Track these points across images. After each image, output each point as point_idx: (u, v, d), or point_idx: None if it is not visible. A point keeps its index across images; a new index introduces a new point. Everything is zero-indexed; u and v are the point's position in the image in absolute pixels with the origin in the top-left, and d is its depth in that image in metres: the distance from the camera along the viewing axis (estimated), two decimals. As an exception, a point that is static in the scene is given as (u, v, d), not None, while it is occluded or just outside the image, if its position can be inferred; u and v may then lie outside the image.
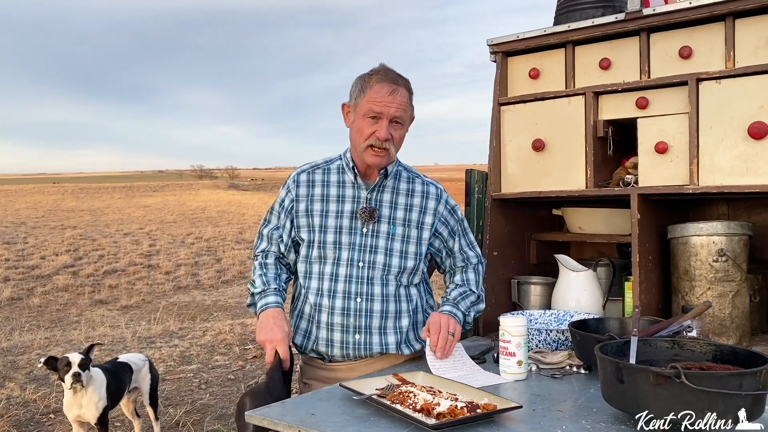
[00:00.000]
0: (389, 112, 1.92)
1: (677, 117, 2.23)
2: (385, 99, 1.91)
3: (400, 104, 1.93)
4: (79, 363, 3.17)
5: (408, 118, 2.01)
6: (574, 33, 2.42)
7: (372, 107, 1.92)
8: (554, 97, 2.50)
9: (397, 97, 1.92)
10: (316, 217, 2.06)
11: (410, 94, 2.00)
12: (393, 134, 1.95)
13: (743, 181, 2.11)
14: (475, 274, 2.17)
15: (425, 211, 2.07)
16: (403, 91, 1.95)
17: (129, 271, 14.58)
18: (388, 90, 1.91)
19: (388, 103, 1.91)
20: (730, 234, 2.21)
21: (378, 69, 1.98)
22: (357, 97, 1.97)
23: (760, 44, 2.10)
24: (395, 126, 1.95)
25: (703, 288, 2.22)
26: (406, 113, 1.97)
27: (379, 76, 1.95)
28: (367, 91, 1.94)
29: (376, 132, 1.92)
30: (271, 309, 2.01)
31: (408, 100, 1.97)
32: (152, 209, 28.78)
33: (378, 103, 1.91)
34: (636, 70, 2.33)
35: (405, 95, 1.96)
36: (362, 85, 1.96)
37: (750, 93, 2.09)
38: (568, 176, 2.49)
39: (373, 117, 1.93)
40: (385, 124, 1.92)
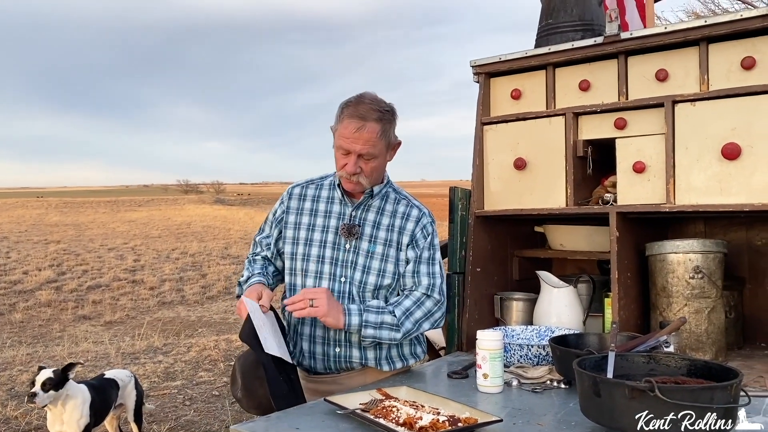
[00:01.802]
0: (356, 149, 1.95)
1: (654, 138, 2.30)
2: (351, 136, 1.94)
3: (367, 140, 1.94)
4: (43, 382, 3.10)
5: (381, 150, 2.00)
6: (554, 55, 2.48)
7: (341, 143, 1.97)
8: (535, 117, 2.57)
9: (363, 133, 1.93)
10: (303, 230, 2.14)
11: (384, 124, 1.98)
12: (363, 167, 1.98)
13: (717, 200, 2.17)
14: (415, 304, 2.05)
15: (403, 232, 2.10)
16: (371, 126, 1.94)
17: (113, 286, 14.47)
18: (355, 127, 1.93)
19: (354, 141, 1.94)
20: (705, 251, 2.27)
21: (352, 101, 1.99)
22: (335, 126, 2.02)
23: (732, 68, 2.17)
24: (364, 160, 1.98)
25: (680, 304, 2.27)
26: (376, 148, 1.97)
27: (349, 110, 1.96)
28: (338, 125, 1.98)
29: (345, 166, 1.98)
30: (251, 286, 2.07)
31: (378, 134, 1.96)
32: (137, 224, 28.59)
33: (345, 140, 1.95)
34: (614, 92, 2.39)
35: (374, 130, 1.94)
36: (338, 115, 2.00)
37: (723, 115, 2.16)
38: (549, 194, 2.54)
39: (344, 152, 1.98)
40: (353, 159, 1.96)
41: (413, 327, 2.03)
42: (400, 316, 2.00)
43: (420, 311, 2.05)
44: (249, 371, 1.89)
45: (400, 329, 2.00)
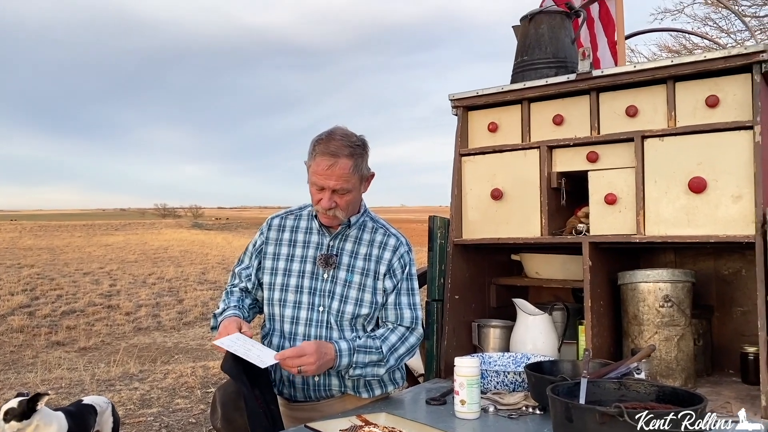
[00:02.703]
0: (329, 185, 1.99)
1: (625, 171, 2.39)
2: (324, 173, 1.98)
3: (340, 176, 1.98)
4: (5, 411, 2.96)
5: (355, 184, 2.04)
6: (529, 91, 2.58)
7: (315, 180, 2.01)
8: (511, 149, 2.65)
9: (335, 170, 1.97)
10: (282, 261, 2.17)
11: (356, 159, 2.01)
12: (338, 201, 2.02)
13: (685, 231, 2.26)
14: (399, 340, 2.09)
15: (381, 261, 2.13)
16: (343, 162, 1.97)
17: (88, 311, 14.27)
18: (327, 164, 1.97)
19: (327, 177, 1.98)
20: (674, 281, 2.35)
21: (324, 137, 2.02)
22: (308, 161, 2.05)
23: (697, 106, 2.28)
24: (339, 195, 2.02)
25: (651, 332, 2.34)
26: (349, 182, 2.01)
27: (321, 147, 1.99)
28: (311, 161, 2.02)
29: (320, 201, 2.03)
30: (227, 319, 2.07)
31: (350, 169, 1.99)
32: (113, 248, 28.26)
33: (319, 177, 1.99)
34: (587, 127, 2.49)
35: (346, 165, 1.98)
36: (311, 151, 2.04)
37: (689, 150, 2.26)
38: (524, 224, 2.62)
39: (318, 188, 2.02)
40: (327, 195, 2.01)
41: (395, 363, 2.09)
42: (386, 352, 2.05)
43: (404, 347, 2.10)
44: (229, 402, 1.91)
45: (383, 366, 2.05)
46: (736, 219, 2.17)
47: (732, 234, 2.17)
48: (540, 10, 2.69)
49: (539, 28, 2.67)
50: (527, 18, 2.70)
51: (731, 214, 2.18)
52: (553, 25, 2.66)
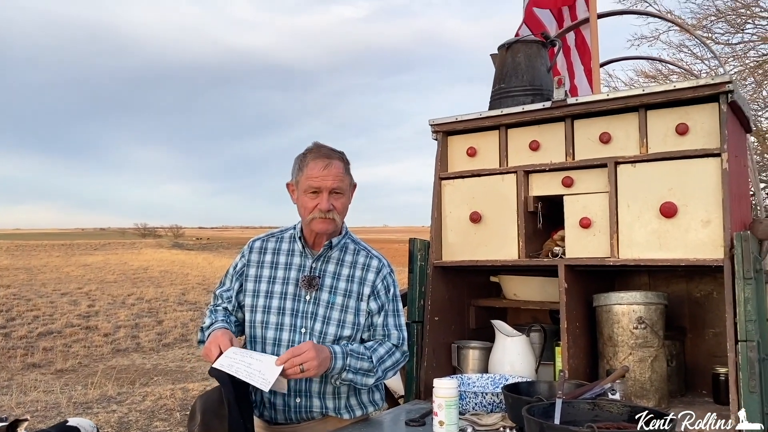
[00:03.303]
0: (327, 185, 2.06)
1: (599, 195, 2.46)
2: (321, 173, 2.05)
3: (336, 175, 2.07)
4: None
5: (347, 187, 2.14)
6: (506, 117, 2.65)
7: (311, 183, 2.06)
8: (489, 174, 2.71)
9: (332, 169, 2.06)
10: (264, 283, 2.19)
11: (345, 164, 2.13)
12: (335, 204, 2.08)
13: (657, 254, 2.33)
14: (387, 353, 2.13)
15: (364, 283, 2.17)
16: (337, 162, 2.09)
17: (65, 332, 14.06)
18: (323, 164, 2.05)
19: (325, 177, 2.05)
20: (647, 303, 2.41)
21: (311, 147, 2.13)
22: (297, 176, 2.12)
23: (668, 133, 2.36)
24: (336, 196, 2.09)
25: (625, 353, 2.39)
26: (344, 182, 2.11)
27: (313, 154, 2.09)
28: (304, 168, 2.08)
29: (318, 205, 2.07)
30: (217, 329, 2.09)
31: (343, 170, 2.11)
32: (92, 268, 27.92)
33: (315, 179, 2.05)
34: (562, 152, 2.56)
35: (340, 166, 2.09)
36: (299, 163, 2.11)
37: (661, 176, 2.33)
38: (502, 247, 2.67)
39: (314, 192, 2.07)
40: (325, 197, 2.06)
41: (382, 375, 2.13)
42: (375, 362, 2.08)
43: (390, 360, 2.14)
44: (210, 409, 1.92)
45: (373, 376, 2.08)
46: (706, 243, 2.24)
47: (702, 258, 2.24)
48: (517, 40, 2.78)
49: (516, 57, 2.75)
50: (505, 47, 2.78)
51: (701, 238, 2.25)
52: (530, 54, 2.74)
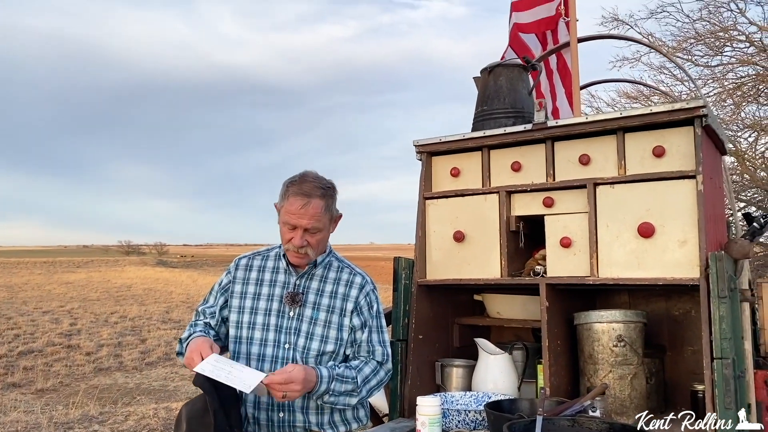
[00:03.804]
0: (302, 224, 2.09)
1: (579, 215, 2.51)
2: (298, 212, 2.08)
3: (312, 216, 2.09)
4: None
5: (325, 224, 2.16)
6: (488, 139, 2.70)
7: (288, 219, 2.11)
8: (472, 194, 2.76)
9: (309, 209, 2.08)
10: (248, 299, 2.24)
11: (327, 200, 2.14)
12: (309, 240, 2.12)
13: (636, 274, 2.38)
14: (372, 372, 2.19)
15: (347, 299, 2.22)
16: (316, 202, 2.10)
17: (46, 351, 13.87)
18: (300, 204, 2.08)
19: (300, 216, 2.09)
20: (627, 321, 2.46)
21: (297, 180, 2.14)
22: (280, 203, 2.16)
23: (645, 155, 2.42)
24: (310, 234, 2.12)
25: (606, 371, 2.43)
26: (321, 221, 2.13)
27: (294, 188, 2.11)
28: (285, 202, 2.12)
29: (292, 240, 2.12)
30: (196, 337, 2.11)
31: (322, 209, 2.12)
32: (75, 286, 27.63)
33: (292, 216, 2.09)
34: (543, 173, 2.62)
35: (318, 205, 2.10)
36: (284, 193, 2.14)
37: (638, 197, 2.39)
38: (485, 265, 2.71)
39: (291, 227, 2.11)
40: (299, 234, 2.10)
41: (367, 394, 2.17)
42: (360, 383, 2.12)
43: (375, 379, 2.19)
44: (196, 417, 1.93)
45: (356, 396, 2.12)
46: (682, 262, 2.30)
47: (679, 277, 2.29)
48: (499, 63, 2.84)
49: (498, 80, 2.82)
50: (487, 70, 2.85)
51: (677, 257, 2.30)
52: (511, 78, 2.81)
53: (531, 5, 3.86)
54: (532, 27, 3.90)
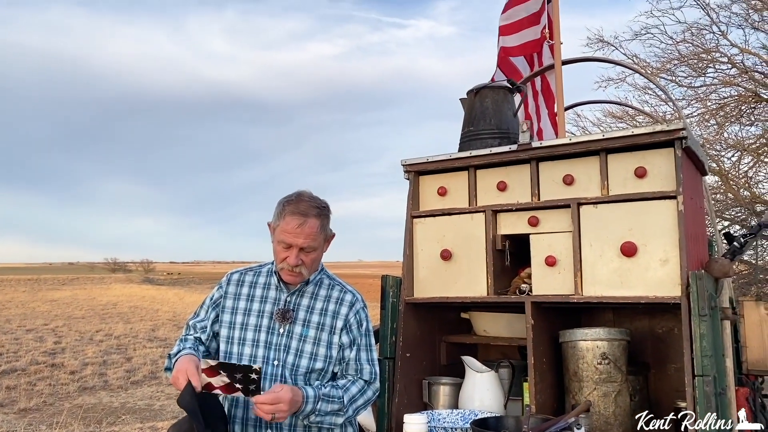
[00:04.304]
0: (298, 243, 2.11)
1: (563, 235, 2.55)
2: (294, 231, 2.10)
3: (308, 235, 2.11)
4: None
5: (320, 243, 2.18)
6: (475, 159, 2.75)
7: (284, 238, 2.12)
8: (459, 213, 2.80)
9: (305, 228, 2.10)
10: (239, 315, 2.25)
11: (323, 220, 2.16)
12: (304, 259, 2.14)
13: (619, 292, 2.42)
14: (359, 392, 2.19)
15: (337, 316, 2.23)
16: (312, 221, 2.12)
17: (30, 370, 13.68)
18: (297, 223, 2.10)
19: (297, 235, 2.10)
20: (611, 339, 2.49)
21: (293, 199, 2.16)
22: (275, 222, 2.17)
23: (627, 176, 2.48)
24: (305, 253, 2.14)
25: (590, 388, 2.46)
26: (316, 241, 2.14)
27: (291, 207, 2.13)
28: (281, 221, 2.14)
29: (287, 258, 2.13)
30: (183, 356, 2.10)
31: (318, 228, 2.14)
32: (59, 304, 27.34)
33: (288, 235, 2.11)
34: (528, 193, 2.66)
35: (314, 225, 2.12)
36: (279, 212, 2.16)
37: (621, 217, 2.44)
38: (472, 283, 2.74)
39: (286, 246, 2.13)
40: (295, 252, 2.12)
41: (353, 413, 2.17)
42: (346, 403, 2.12)
43: (362, 399, 2.19)
44: None
45: (342, 416, 2.13)
46: (664, 281, 2.34)
47: (661, 295, 2.33)
48: (484, 85, 2.90)
49: (484, 102, 2.87)
50: (473, 92, 2.91)
51: (659, 276, 2.35)
52: (497, 99, 2.87)
53: (517, 29, 3.94)
54: (517, 50, 3.98)
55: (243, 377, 1.95)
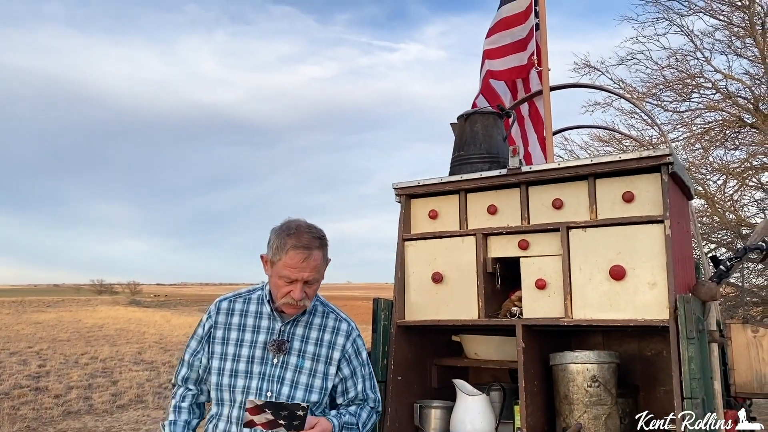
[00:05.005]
0: (303, 277, 2.06)
1: (553, 258, 2.58)
2: (299, 266, 2.04)
3: (314, 268, 2.06)
4: None
5: (323, 273, 2.14)
6: (465, 182, 2.79)
7: (288, 274, 2.05)
8: (450, 236, 2.83)
9: (310, 262, 2.05)
10: (231, 346, 2.18)
11: (324, 250, 2.12)
12: (307, 292, 2.09)
13: (608, 315, 2.44)
14: (368, 417, 2.23)
15: (334, 347, 2.21)
16: (316, 254, 2.07)
17: (13, 394, 13.44)
18: (302, 258, 2.04)
19: (302, 270, 2.05)
20: (600, 362, 2.51)
21: (293, 231, 2.08)
22: (274, 256, 2.09)
23: (615, 201, 2.52)
24: (309, 285, 2.09)
25: (581, 411, 2.48)
26: (320, 272, 2.11)
27: (293, 241, 2.05)
28: (283, 255, 2.05)
29: (291, 293, 2.07)
30: None
31: (322, 259, 2.10)
32: (44, 326, 26.98)
33: (293, 270, 2.04)
34: (518, 216, 2.69)
35: (318, 257, 2.08)
36: (279, 246, 2.07)
37: (609, 241, 2.47)
38: (463, 306, 2.76)
39: (290, 281, 2.07)
40: (299, 286, 2.06)
41: None
42: (361, 429, 2.19)
43: (370, 423, 2.25)
44: None
45: None
46: (652, 304, 2.37)
47: (649, 318, 2.36)
48: (474, 111, 2.95)
49: (474, 127, 2.92)
50: (463, 117, 2.95)
51: (648, 299, 2.38)
52: (487, 124, 2.91)
53: (503, 54, 4.01)
54: (503, 74, 4.04)
55: (288, 414, 1.96)
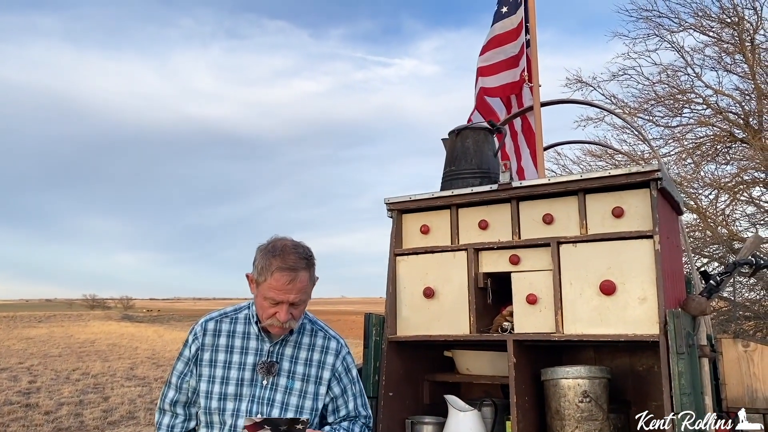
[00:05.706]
0: (289, 299, 2.02)
1: (544, 273, 2.59)
2: (284, 288, 2.00)
3: (300, 289, 2.03)
4: None
5: (309, 293, 2.10)
6: (456, 198, 2.80)
7: (273, 296, 2.01)
8: (442, 251, 2.83)
9: (296, 284, 2.01)
10: (219, 368, 2.15)
11: (311, 270, 2.08)
12: (293, 313, 2.05)
13: (599, 330, 2.45)
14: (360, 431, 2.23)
15: (323, 366, 2.18)
16: (302, 275, 2.03)
17: (3, 411, 13.29)
18: (287, 280, 2.00)
19: (287, 292, 2.01)
20: (591, 377, 2.51)
21: (278, 253, 2.03)
22: (259, 276, 2.05)
23: (605, 216, 2.53)
24: (295, 306, 2.05)
25: (572, 426, 2.47)
26: (306, 293, 2.07)
27: (279, 262, 2.00)
28: (268, 277, 2.01)
29: (276, 314, 2.03)
30: None
31: (308, 279, 2.06)
32: (35, 341, 26.75)
33: (278, 292, 2.00)
34: (509, 231, 2.70)
35: (305, 278, 2.04)
36: (264, 267, 2.03)
37: (600, 256, 2.48)
38: (454, 322, 2.76)
39: (275, 302, 2.03)
40: (285, 308, 2.02)
41: None
42: None
43: None
44: None
45: None
46: (643, 319, 2.37)
47: (640, 333, 2.37)
48: (466, 126, 2.97)
49: (465, 142, 2.93)
50: (455, 132, 2.97)
51: (638, 314, 2.38)
52: (478, 140, 2.93)
53: (496, 71, 4.05)
54: (497, 91, 4.08)
55: (287, 428, 1.92)
